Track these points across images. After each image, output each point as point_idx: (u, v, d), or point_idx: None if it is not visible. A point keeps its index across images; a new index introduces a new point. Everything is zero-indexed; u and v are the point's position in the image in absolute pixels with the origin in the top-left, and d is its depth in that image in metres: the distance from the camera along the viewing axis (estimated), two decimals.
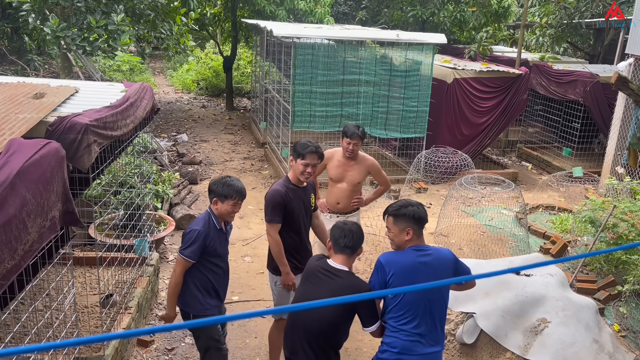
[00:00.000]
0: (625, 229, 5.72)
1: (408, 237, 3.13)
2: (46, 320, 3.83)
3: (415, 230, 3.13)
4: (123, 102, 3.67)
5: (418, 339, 3.09)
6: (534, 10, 14.64)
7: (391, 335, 3.12)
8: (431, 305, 3.10)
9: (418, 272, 3.06)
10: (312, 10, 14.16)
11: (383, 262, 3.09)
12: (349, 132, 4.66)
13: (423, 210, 3.18)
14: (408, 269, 3.06)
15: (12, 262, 2.33)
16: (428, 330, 3.11)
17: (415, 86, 9.03)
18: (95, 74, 13.26)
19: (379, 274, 3.10)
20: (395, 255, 3.14)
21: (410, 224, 3.12)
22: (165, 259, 6.16)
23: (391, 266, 3.06)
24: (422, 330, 3.09)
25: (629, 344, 4.95)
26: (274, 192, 3.91)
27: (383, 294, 3.17)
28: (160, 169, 8.19)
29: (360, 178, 4.82)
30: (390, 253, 3.19)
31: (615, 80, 4.94)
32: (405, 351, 3.08)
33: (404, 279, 3.05)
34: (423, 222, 3.17)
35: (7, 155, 2.45)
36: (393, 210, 3.19)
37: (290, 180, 3.98)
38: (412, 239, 3.14)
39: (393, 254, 3.16)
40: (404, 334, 3.08)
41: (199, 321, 1.37)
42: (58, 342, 2.09)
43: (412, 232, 3.12)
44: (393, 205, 3.22)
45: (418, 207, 3.18)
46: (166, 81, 19.31)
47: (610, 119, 9.04)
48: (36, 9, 8.65)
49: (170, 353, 4.57)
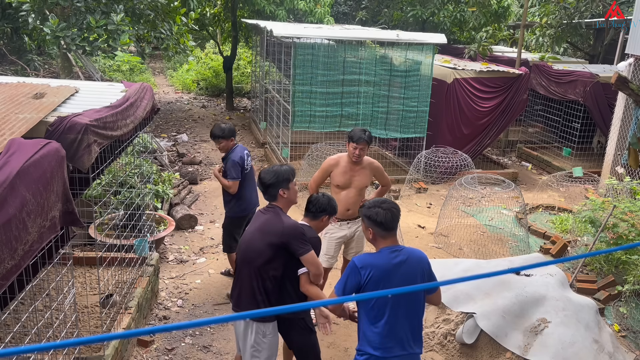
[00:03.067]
0: (625, 229, 5.72)
1: (371, 236, 3.17)
2: (46, 320, 3.83)
3: (377, 232, 3.12)
4: (123, 102, 3.67)
5: (394, 343, 3.06)
6: (534, 10, 14.64)
7: (367, 339, 3.10)
8: (407, 306, 3.09)
9: (394, 273, 3.05)
10: (312, 10, 14.16)
11: (358, 265, 3.06)
12: (356, 136, 4.59)
13: (387, 215, 3.09)
14: (384, 270, 3.05)
15: (12, 262, 2.33)
16: (404, 332, 3.09)
17: (415, 86, 9.03)
18: (95, 74, 13.26)
19: (354, 276, 3.06)
20: (370, 257, 3.12)
21: (372, 225, 3.13)
22: (165, 259, 6.16)
23: (366, 270, 3.04)
24: (398, 332, 3.07)
25: (629, 344, 4.95)
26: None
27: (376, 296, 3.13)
28: (160, 169, 8.19)
29: (367, 182, 4.80)
30: (365, 255, 3.17)
31: (615, 80, 4.94)
32: (382, 354, 3.05)
33: (379, 282, 3.03)
34: (382, 225, 3.09)
35: (7, 155, 2.45)
36: (364, 208, 3.25)
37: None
38: (377, 239, 3.16)
39: (368, 256, 3.14)
40: (379, 337, 3.06)
41: (200, 321, 1.37)
42: (58, 342, 2.09)
43: (375, 234, 3.14)
44: (368, 203, 3.26)
45: (383, 210, 3.11)
46: (166, 81, 19.31)
47: (610, 119, 9.04)
48: (36, 9, 8.65)
49: (170, 353, 4.57)
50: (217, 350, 4.65)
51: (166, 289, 5.56)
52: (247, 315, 1.17)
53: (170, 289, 5.57)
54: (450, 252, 6.69)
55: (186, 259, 6.22)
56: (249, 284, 3.47)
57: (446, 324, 4.75)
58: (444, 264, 5.68)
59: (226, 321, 4.30)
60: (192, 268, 6.03)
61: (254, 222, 3.62)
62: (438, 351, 4.67)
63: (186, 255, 6.31)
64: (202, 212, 7.56)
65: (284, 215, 3.53)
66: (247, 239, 3.53)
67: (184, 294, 5.51)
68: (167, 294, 5.46)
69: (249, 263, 3.47)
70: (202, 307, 5.30)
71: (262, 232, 3.45)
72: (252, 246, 3.46)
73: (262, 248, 3.42)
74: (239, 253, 3.58)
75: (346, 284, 3.10)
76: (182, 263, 6.13)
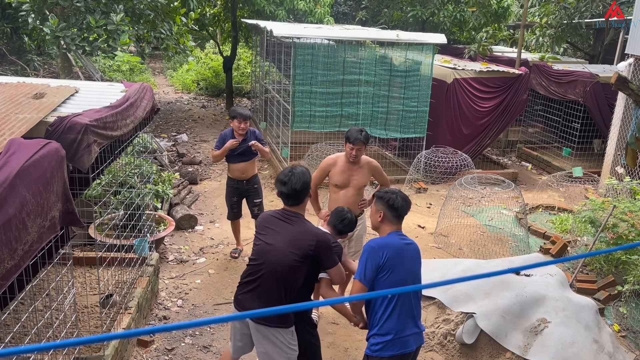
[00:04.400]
0: (625, 229, 5.72)
1: (379, 218, 3.42)
2: (46, 320, 3.83)
3: (387, 215, 3.40)
4: (123, 102, 3.67)
5: (405, 321, 3.28)
6: (534, 11, 14.64)
7: (380, 325, 3.28)
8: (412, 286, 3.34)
9: (405, 252, 3.35)
10: (312, 11, 14.16)
11: (375, 246, 3.29)
12: (352, 137, 4.61)
13: (402, 203, 3.40)
14: (398, 250, 3.32)
15: (12, 262, 2.33)
16: (412, 313, 3.34)
17: (415, 86, 9.03)
18: (95, 74, 13.26)
19: (373, 257, 3.26)
20: (384, 240, 3.37)
21: (384, 208, 3.41)
22: (165, 259, 6.16)
23: (384, 249, 3.28)
24: (407, 312, 3.30)
25: (629, 344, 4.95)
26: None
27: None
28: (160, 169, 8.19)
29: (365, 181, 4.80)
30: (378, 238, 3.40)
31: (615, 80, 4.93)
32: (397, 334, 3.25)
33: (395, 259, 3.28)
34: (396, 211, 3.39)
35: (7, 155, 2.45)
36: (378, 192, 3.58)
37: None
38: (384, 223, 3.42)
39: (380, 239, 3.38)
40: (391, 321, 3.26)
41: (200, 321, 1.36)
42: (58, 342, 2.09)
43: (384, 216, 3.40)
44: (384, 189, 3.60)
45: (400, 197, 3.41)
46: (166, 81, 19.31)
47: (610, 119, 9.05)
48: (36, 9, 8.65)
49: (170, 353, 4.57)
50: (217, 350, 4.65)
51: (166, 289, 5.56)
52: (247, 315, 1.17)
53: (170, 289, 5.57)
54: (450, 252, 6.69)
55: (186, 259, 6.22)
56: (275, 295, 3.37)
57: (446, 324, 4.75)
58: (444, 264, 5.68)
59: (226, 321, 4.30)
60: (192, 268, 6.03)
61: (277, 230, 3.44)
62: (438, 351, 4.67)
63: (186, 255, 6.31)
64: (202, 212, 7.56)
65: (310, 225, 3.47)
66: (276, 250, 3.37)
67: (184, 294, 5.51)
68: (167, 294, 5.46)
69: (277, 274, 3.35)
70: (202, 307, 5.30)
71: (294, 244, 3.34)
72: (283, 258, 3.33)
73: (292, 259, 3.32)
74: (264, 261, 3.41)
75: (366, 267, 3.27)
76: (182, 263, 6.13)
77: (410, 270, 3.35)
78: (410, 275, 3.34)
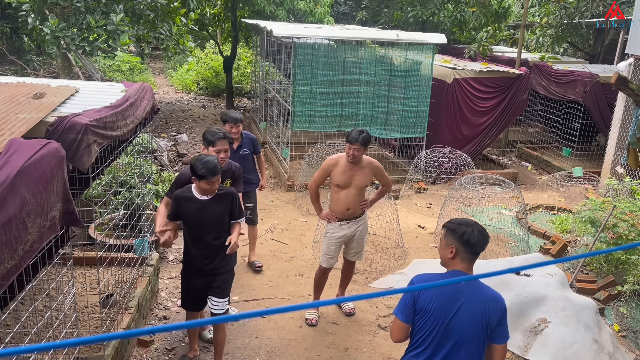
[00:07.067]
0: (625, 229, 5.72)
1: (451, 255, 2.84)
2: (46, 320, 3.83)
3: (460, 252, 2.81)
4: (123, 102, 3.67)
5: None
6: (534, 10, 14.65)
7: None
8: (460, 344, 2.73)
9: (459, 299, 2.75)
10: (312, 11, 14.16)
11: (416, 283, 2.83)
12: (350, 137, 4.65)
13: (479, 237, 2.81)
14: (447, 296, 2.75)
15: (12, 262, 2.33)
16: None
17: (415, 86, 9.03)
18: (95, 74, 13.26)
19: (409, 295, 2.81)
20: (429, 278, 2.84)
21: (457, 243, 2.82)
22: (165, 259, 6.16)
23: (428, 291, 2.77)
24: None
25: (629, 344, 4.95)
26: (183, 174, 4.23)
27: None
28: (160, 169, 8.18)
29: (367, 181, 4.81)
30: (424, 275, 2.89)
31: (615, 80, 4.93)
32: None
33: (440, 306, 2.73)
34: (472, 247, 2.80)
35: (7, 155, 2.45)
36: (450, 223, 2.93)
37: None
38: (456, 261, 2.84)
39: (426, 277, 2.86)
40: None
41: (200, 321, 1.37)
42: (58, 342, 2.09)
43: (456, 253, 2.82)
44: (455, 220, 2.94)
45: (476, 231, 2.82)
46: (166, 81, 19.31)
47: (610, 119, 9.05)
48: (35, 9, 8.65)
49: (170, 353, 4.57)
50: None
51: (166, 289, 5.56)
52: (247, 315, 1.17)
53: (170, 289, 5.57)
54: None
55: None
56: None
57: None
58: None
59: (226, 321, 4.31)
60: None
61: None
62: None
63: None
64: None
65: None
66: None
67: None
68: (167, 294, 5.46)
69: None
70: None
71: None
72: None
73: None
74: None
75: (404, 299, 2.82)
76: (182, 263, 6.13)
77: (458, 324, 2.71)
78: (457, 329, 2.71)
